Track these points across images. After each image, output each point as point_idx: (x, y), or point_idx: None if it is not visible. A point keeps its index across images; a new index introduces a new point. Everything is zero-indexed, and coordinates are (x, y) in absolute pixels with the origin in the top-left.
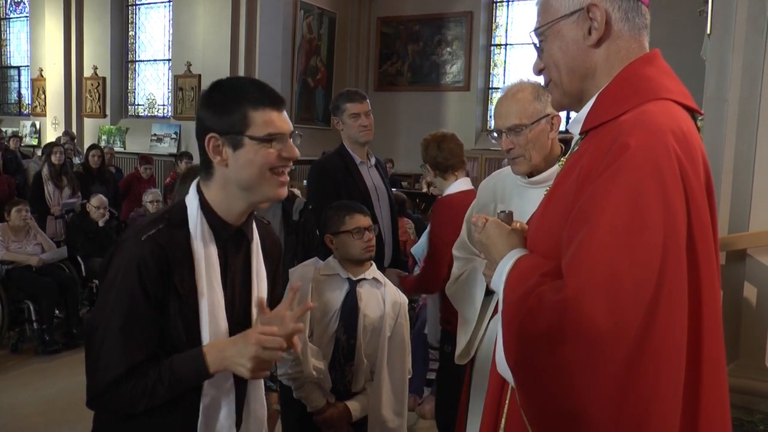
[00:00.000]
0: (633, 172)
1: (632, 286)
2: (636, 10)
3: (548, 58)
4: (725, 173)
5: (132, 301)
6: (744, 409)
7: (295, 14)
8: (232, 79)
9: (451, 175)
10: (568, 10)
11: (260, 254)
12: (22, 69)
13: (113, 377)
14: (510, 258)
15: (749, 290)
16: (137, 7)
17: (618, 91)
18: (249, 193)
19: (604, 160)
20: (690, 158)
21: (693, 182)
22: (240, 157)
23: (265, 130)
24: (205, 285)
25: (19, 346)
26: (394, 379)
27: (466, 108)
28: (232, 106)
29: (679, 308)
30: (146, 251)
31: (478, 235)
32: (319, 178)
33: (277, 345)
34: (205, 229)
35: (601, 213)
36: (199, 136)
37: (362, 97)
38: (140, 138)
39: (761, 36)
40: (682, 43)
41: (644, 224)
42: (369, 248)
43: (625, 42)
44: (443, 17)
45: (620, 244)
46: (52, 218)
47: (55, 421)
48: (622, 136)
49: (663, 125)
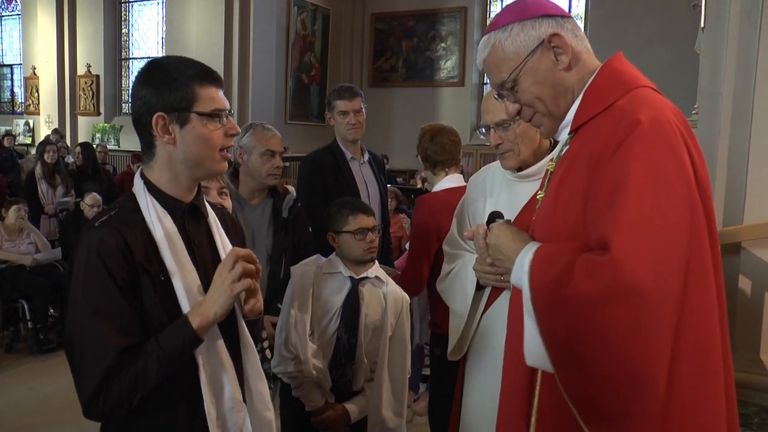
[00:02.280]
0: (648, 141)
1: (670, 245)
2: (575, 27)
3: (527, 96)
4: (719, 166)
5: (101, 286)
6: (739, 402)
7: (288, 10)
8: (170, 57)
9: (441, 170)
10: (530, 48)
11: (220, 229)
12: (15, 67)
13: (104, 367)
14: (528, 250)
15: (744, 282)
16: (130, 4)
17: (604, 85)
18: (194, 169)
19: (614, 138)
20: (689, 133)
21: (695, 156)
22: (187, 134)
23: (212, 106)
24: (173, 262)
25: (14, 345)
26: (394, 379)
27: (461, 103)
28: (178, 83)
29: (705, 268)
30: (103, 234)
31: (484, 240)
32: (306, 172)
33: (242, 268)
34: (157, 207)
35: (628, 179)
36: (142, 117)
37: (353, 94)
38: (134, 136)
39: (755, 30)
40: (676, 37)
41: (668, 183)
42: (371, 249)
43: (584, 56)
44: (437, 13)
45: (652, 202)
46: (45, 217)
47: (50, 420)
48: (629, 113)
49: (661, 104)
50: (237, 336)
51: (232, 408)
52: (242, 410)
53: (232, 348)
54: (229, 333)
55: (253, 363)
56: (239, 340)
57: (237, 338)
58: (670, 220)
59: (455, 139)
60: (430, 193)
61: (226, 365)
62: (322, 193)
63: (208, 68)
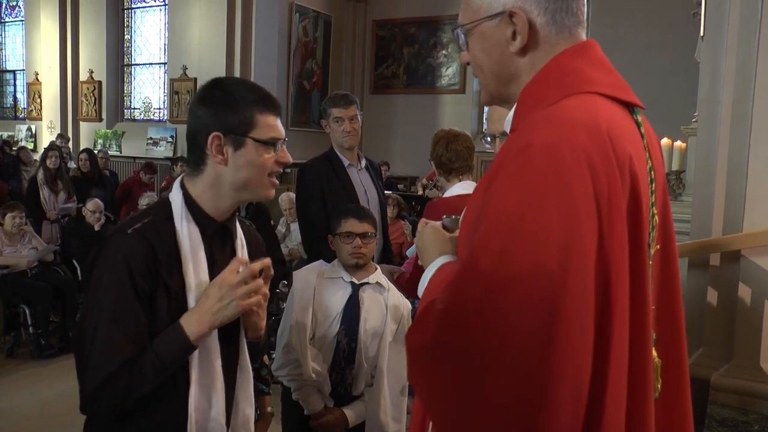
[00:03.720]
0: (533, 172)
1: (525, 294)
2: (566, 10)
3: (472, 57)
4: (719, 174)
5: (122, 295)
6: (739, 409)
7: (290, 17)
8: (234, 79)
9: (454, 177)
10: (490, 12)
11: (245, 250)
12: (17, 73)
13: (106, 374)
14: (434, 265)
15: (743, 291)
16: (133, 10)
17: (539, 88)
18: (240, 191)
19: (505, 158)
20: (603, 157)
21: (603, 183)
22: (240, 158)
23: (269, 134)
24: (193, 280)
25: (15, 350)
26: (393, 385)
27: (462, 111)
28: (239, 107)
29: (582, 316)
30: (134, 244)
31: (416, 239)
32: (304, 179)
33: (243, 278)
34: (191, 223)
35: (495, 216)
36: (197, 135)
37: (348, 102)
38: (136, 142)
39: (754, 38)
40: (677, 45)
41: (541, 229)
42: (355, 255)
43: (551, 47)
44: (438, 20)
45: (513, 249)
46: (47, 223)
47: (51, 425)
48: (526, 134)
49: (574, 120)
50: (236, 357)
51: (213, 428)
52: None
53: (227, 368)
54: (228, 352)
55: (245, 387)
56: (237, 361)
57: (235, 359)
58: (527, 266)
59: (469, 145)
60: (441, 199)
61: (218, 386)
62: (319, 201)
63: (271, 96)
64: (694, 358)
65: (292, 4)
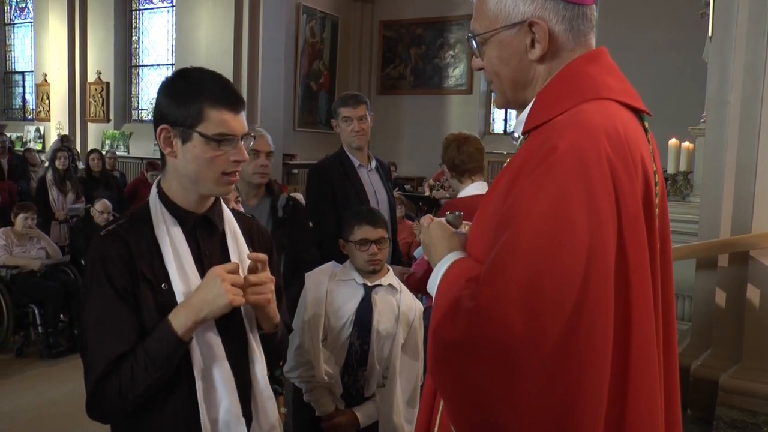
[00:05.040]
0: (560, 175)
1: (552, 294)
2: (581, 17)
3: (488, 64)
4: (728, 175)
5: (102, 296)
6: (748, 411)
7: (297, 18)
8: (196, 71)
9: (467, 178)
10: (509, 21)
11: (238, 240)
12: (26, 74)
13: (96, 376)
14: (446, 261)
15: (752, 292)
16: (141, 12)
17: (556, 91)
18: (196, 185)
19: (531, 161)
20: (623, 161)
21: (625, 186)
22: (188, 151)
23: (216, 130)
24: (175, 271)
25: (24, 350)
26: (406, 387)
27: (469, 111)
28: (190, 99)
29: (603, 315)
30: (107, 244)
31: (422, 235)
32: (315, 180)
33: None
34: (166, 216)
35: (524, 218)
36: (155, 125)
37: (357, 102)
38: (144, 142)
39: (762, 38)
40: (685, 46)
41: (569, 230)
42: (372, 261)
43: (568, 53)
44: (446, 21)
45: (542, 251)
46: (56, 223)
47: (59, 425)
48: (552, 137)
49: (597, 126)
50: (244, 349)
51: (228, 422)
52: (240, 425)
53: (236, 360)
54: (235, 345)
55: (260, 379)
56: (247, 354)
57: (244, 352)
58: (558, 270)
59: (479, 146)
60: (457, 198)
61: (225, 379)
62: (330, 201)
63: (229, 91)
64: (703, 360)
65: (300, 5)
